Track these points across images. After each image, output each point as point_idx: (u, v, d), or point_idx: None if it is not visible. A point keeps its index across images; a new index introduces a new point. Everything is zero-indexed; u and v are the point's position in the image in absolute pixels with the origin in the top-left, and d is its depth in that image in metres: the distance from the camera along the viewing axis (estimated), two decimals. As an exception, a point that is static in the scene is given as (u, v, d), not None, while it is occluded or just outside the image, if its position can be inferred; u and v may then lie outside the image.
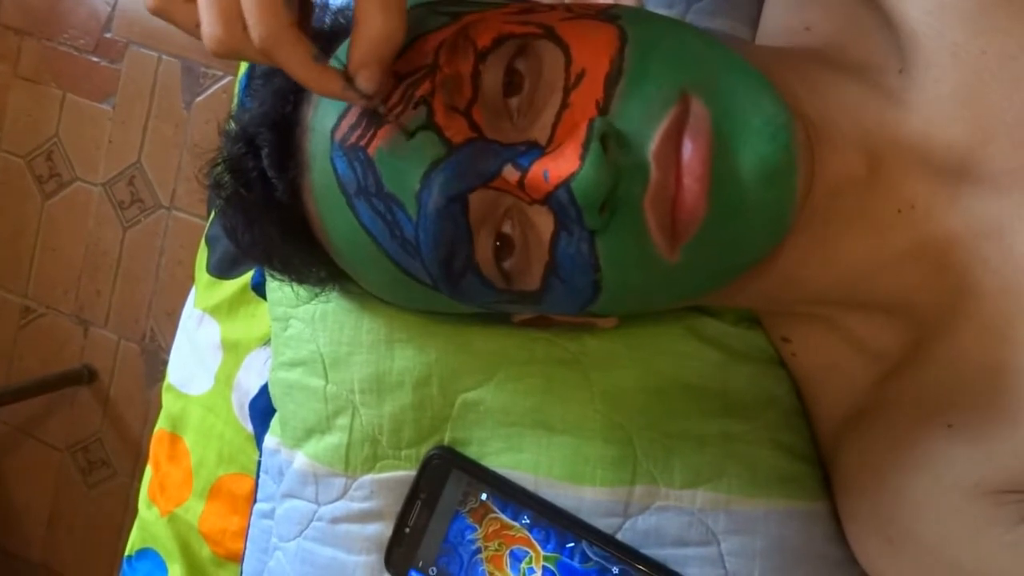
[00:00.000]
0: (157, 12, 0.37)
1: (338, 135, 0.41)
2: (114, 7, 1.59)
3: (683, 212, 0.38)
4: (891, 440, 0.48)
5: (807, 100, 0.44)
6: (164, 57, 1.56)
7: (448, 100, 0.39)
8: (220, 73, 1.52)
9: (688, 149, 0.37)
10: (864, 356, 0.50)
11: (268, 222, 0.46)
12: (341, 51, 0.41)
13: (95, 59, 1.62)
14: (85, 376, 1.65)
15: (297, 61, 0.34)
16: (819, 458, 0.56)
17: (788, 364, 0.55)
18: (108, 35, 1.60)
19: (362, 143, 0.40)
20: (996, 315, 0.44)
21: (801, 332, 0.53)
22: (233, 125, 0.47)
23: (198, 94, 1.54)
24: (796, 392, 0.56)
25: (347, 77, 0.36)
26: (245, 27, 0.33)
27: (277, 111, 0.44)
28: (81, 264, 1.66)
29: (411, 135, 0.39)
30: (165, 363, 0.80)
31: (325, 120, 0.42)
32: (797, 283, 0.47)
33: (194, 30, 0.36)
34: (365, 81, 0.35)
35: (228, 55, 0.35)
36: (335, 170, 0.42)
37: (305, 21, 0.36)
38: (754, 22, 0.55)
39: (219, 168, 0.46)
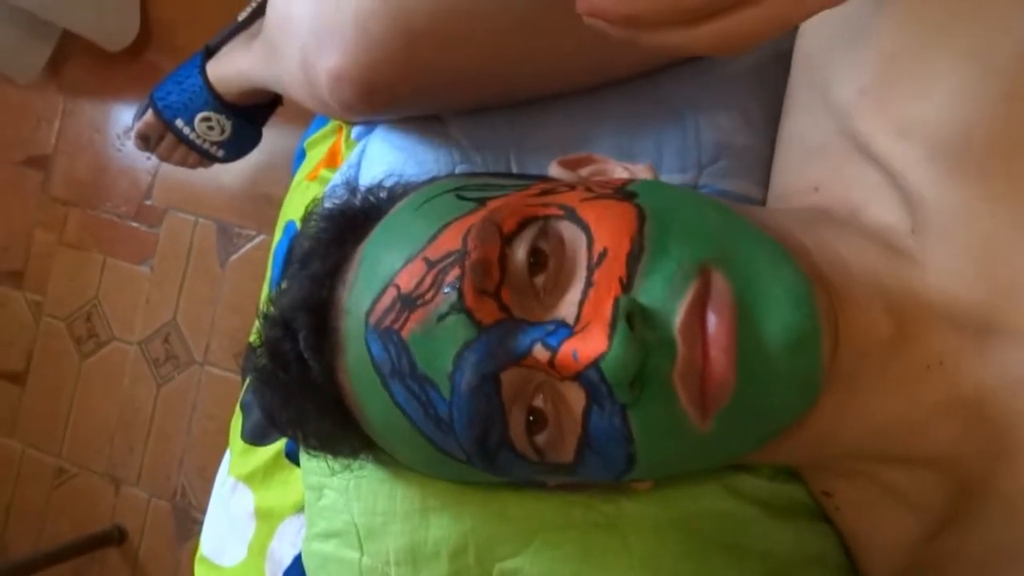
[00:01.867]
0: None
1: (373, 318, 0.43)
2: (155, 176, 1.68)
3: (712, 384, 0.38)
4: (948, 604, 0.46)
5: (825, 263, 0.45)
6: (201, 220, 1.63)
7: (478, 284, 0.40)
8: (253, 233, 1.59)
9: (712, 322, 0.38)
10: (910, 510, 0.49)
11: (304, 400, 0.47)
12: None
13: (135, 224, 1.69)
14: (116, 537, 1.62)
15: None
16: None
17: (832, 519, 0.54)
18: (148, 202, 1.68)
19: (396, 326, 0.42)
20: None
21: (842, 487, 0.52)
22: (271, 309, 0.49)
23: (232, 253, 1.61)
24: (843, 547, 0.54)
25: None
26: None
27: (313, 295, 0.46)
28: (115, 423, 1.67)
29: (443, 318, 0.40)
30: (195, 521, 0.79)
31: (360, 303, 0.44)
32: (832, 441, 0.47)
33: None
34: None
35: None
36: (370, 352, 0.43)
37: None
38: (765, 182, 0.57)
39: (257, 351, 0.48)
